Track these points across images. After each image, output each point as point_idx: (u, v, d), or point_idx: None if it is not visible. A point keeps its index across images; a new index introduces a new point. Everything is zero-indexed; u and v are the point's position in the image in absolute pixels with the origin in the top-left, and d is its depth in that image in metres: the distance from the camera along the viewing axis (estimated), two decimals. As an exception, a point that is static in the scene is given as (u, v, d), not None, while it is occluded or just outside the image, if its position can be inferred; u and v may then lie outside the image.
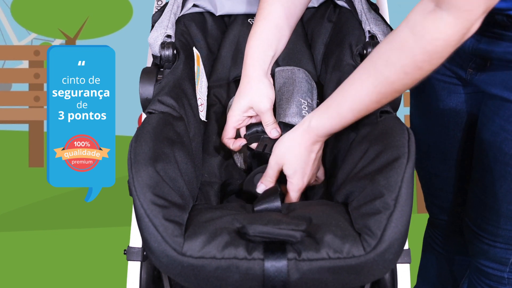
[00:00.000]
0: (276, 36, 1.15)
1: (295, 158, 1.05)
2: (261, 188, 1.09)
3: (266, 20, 1.14)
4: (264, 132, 1.16)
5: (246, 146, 1.17)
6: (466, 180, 1.34)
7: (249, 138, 1.17)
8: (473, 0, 0.87)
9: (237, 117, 1.16)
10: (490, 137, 1.18)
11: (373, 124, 1.01)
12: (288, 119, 1.18)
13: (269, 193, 0.99)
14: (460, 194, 1.39)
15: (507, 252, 1.27)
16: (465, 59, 1.20)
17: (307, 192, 1.13)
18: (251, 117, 1.18)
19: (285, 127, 1.15)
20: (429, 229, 1.58)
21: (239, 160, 1.20)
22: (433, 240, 1.56)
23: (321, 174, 1.12)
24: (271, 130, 1.15)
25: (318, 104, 1.25)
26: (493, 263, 1.30)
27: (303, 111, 1.20)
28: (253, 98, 1.14)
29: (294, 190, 1.07)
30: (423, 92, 1.33)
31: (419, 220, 1.58)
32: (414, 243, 1.60)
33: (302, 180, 1.06)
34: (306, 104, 1.21)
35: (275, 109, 1.20)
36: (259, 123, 1.17)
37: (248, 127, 1.18)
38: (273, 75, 1.27)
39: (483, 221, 1.26)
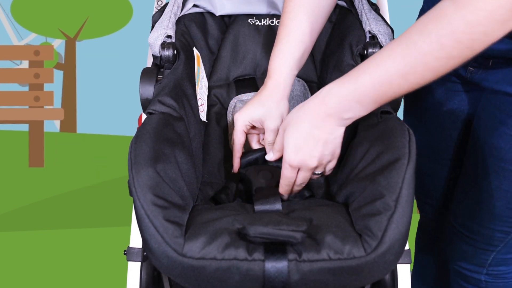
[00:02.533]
0: (300, 53, 1.11)
1: (294, 129, 0.99)
2: (269, 156, 1.07)
3: (289, 36, 1.10)
4: (257, 160, 1.11)
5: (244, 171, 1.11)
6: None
7: (246, 169, 1.11)
8: None
9: (245, 121, 1.10)
10: (486, 131, 1.17)
11: (373, 124, 1.01)
12: None
13: (269, 194, 0.99)
14: (453, 193, 1.39)
15: (485, 253, 1.26)
16: None
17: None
18: (253, 128, 1.13)
19: None
20: (420, 231, 1.58)
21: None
22: (424, 242, 1.56)
23: (329, 169, 1.06)
24: (269, 151, 1.09)
25: None
26: (471, 265, 1.29)
27: None
28: (268, 111, 1.09)
29: (284, 165, 1.01)
30: (418, 90, 1.32)
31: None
32: (414, 243, 1.61)
33: (294, 156, 0.99)
34: None
35: None
36: (255, 151, 1.12)
37: (244, 154, 1.12)
38: None
39: (467, 218, 1.26)
